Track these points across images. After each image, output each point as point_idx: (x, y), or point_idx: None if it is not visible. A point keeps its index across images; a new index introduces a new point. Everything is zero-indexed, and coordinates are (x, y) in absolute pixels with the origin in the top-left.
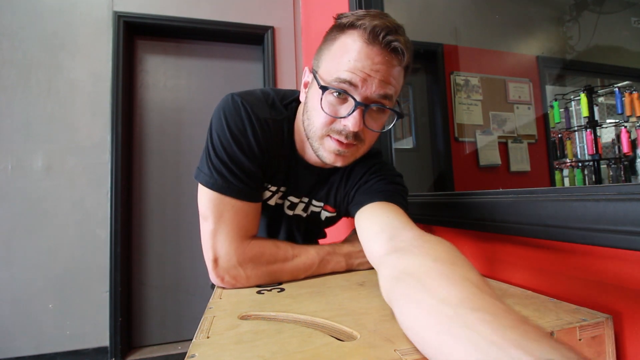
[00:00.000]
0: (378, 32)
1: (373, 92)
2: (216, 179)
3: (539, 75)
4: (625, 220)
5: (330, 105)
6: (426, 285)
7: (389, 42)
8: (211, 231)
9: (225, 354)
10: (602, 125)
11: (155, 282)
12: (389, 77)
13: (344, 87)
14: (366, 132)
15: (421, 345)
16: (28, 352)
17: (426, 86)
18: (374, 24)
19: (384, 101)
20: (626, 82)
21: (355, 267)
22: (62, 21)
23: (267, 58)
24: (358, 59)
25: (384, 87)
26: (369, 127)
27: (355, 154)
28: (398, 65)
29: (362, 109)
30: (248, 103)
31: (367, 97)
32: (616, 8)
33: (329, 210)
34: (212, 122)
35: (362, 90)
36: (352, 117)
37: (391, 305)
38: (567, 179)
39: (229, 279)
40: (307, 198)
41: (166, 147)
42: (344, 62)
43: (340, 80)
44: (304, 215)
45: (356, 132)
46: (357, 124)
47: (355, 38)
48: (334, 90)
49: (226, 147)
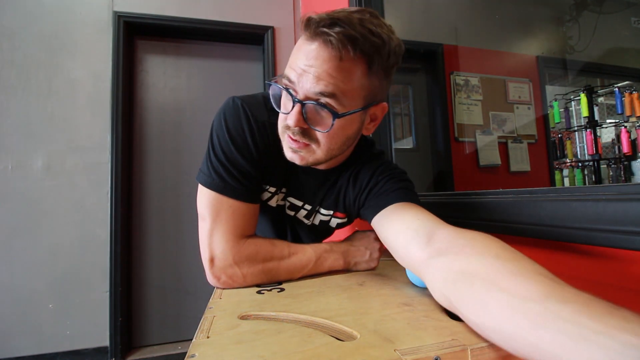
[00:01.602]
0: (312, 25)
1: (309, 88)
2: (214, 179)
3: (539, 75)
4: (625, 220)
5: (283, 103)
6: (499, 284)
7: (321, 33)
8: (208, 230)
9: (225, 354)
10: (602, 125)
11: (155, 282)
12: (324, 72)
13: (285, 84)
14: (314, 132)
15: (512, 345)
16: (28, 352)
17: (426, 86)
18: (310, 17)
19: (323, 99)
20: (626, 82)
21: (352, 266)
22: (62, 21)
23: (267, 58)
24: (297, 56)
25: (317, 84)
26: (312, 126)
27: (313, 154)
28: (336, 60)
29: (300, 105)
30: (247, 105)
31: (306, 95)
32: (616, 8)
33: (340, 216)
34: (213, 124)
35: (299, 86)
36: (291, 114)
37: (456, 309)
38: (567, 179)
39: (225, 279)
40: (310, 205)
41: (166, 147)
42: (290, 60)
43: (284, 77)
44: (306, 222)
45: (303, 130)
46: (295, 120)
47: (303, 36)
48: (277, 86)
49: (224, 148)
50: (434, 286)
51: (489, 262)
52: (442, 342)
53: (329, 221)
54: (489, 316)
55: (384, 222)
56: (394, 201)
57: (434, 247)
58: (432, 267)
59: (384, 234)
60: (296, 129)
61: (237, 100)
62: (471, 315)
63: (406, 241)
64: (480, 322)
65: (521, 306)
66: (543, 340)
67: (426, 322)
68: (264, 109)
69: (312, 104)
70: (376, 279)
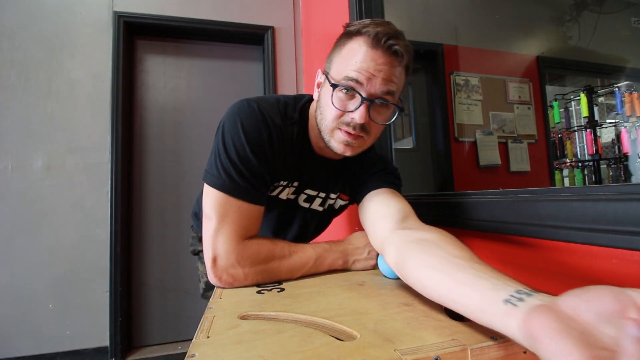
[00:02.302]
0: (380, 37)
1: (377, 89)
2: (224, 180)
3: (539, 75)
4: (625, 220)
5: (340, 101)
6: (443, 247)
7: (390, 45)
8: (213, 231)
9: (225, 354)
10: (602, 125)
11: (155, 282)
12: (391, 75)
13: (351, 85)
14: (372, 125)
15: (433, 278)
16: (28, 352)
17: (426, 86)
18: (377, 30)
19: (386, 97)
20: (626, 82)
21: (351, 265)
22: (62, 21)
23: (267, 58)
24: (364, 61)
25: (386, 85)
26: (374, 120)
27: (363, 145)
28: (399, 66)
29: (368, 103)
30: (264, 109)
31: (372, 94)
32: (616, 8)
33: (344, 198)
34: (224, 125)
35: (367, 87)
36: (358, 111)
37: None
38: (567, 179)
39: (226, 278)
40: (324, 193)
41: (166, 147)
42: (352, 63)
43: (349, 79)
44: (320, 210)
45: (363, 124)
46: (363, 116)
47: (361, 43)
48: (343, 87)
49: (239, 150)
50: (393, 244)
51: (440, 236)
52: (442, 342)
53: (334, 203)
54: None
55: (373, 197)
56: (385, 186)
57: (403, 225)
58: (395, 234)
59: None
60: (360, 124)
61: (253, 103)
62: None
63: (382, 216)
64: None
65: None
66: (456, 278)
67: (426, 322)
68: (277, 111)
69: (379, 101)
70: (376, 279)
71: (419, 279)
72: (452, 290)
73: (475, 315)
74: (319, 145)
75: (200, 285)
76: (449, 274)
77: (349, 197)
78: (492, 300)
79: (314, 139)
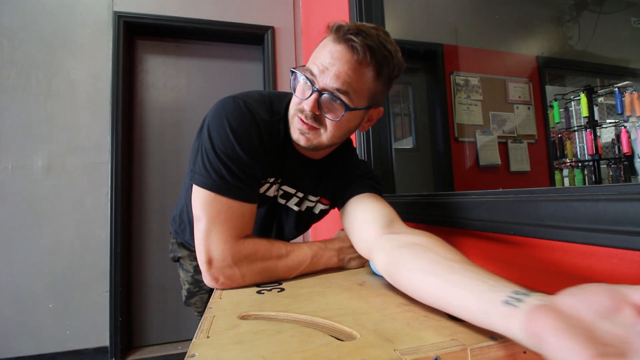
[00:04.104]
0: (343, 32)
1: (327, 83)
2: (214, 180)
3: (539, 75)
4: (625, 220)
5: (299, 89)
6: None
7: (347, 39)
8: (205, 231)
9: (225, 354)
10: (602, 125)
11: (155, 282)
12: (344, 72)
13: (306, 74)
14: (324, 119)
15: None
16: (28, 352)
17: (426, 86)
18: (340, 25)
19: (337, 93)
20: (626, 82)
21: (346, 263)
22: (62, 21)
23: (267, 58)
24: (322, 54)
25: (336, 81)
26: (323, 113)
27: (318, 138)
28: (356, 64)
29: (317, 94)
30: (250, 105)
31: (323, 87)
32: (616, 8)
33: (324, 202)
34: (208, 124)
35: (320, 79)
36: (309, 99)
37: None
38: (567, 179)
39: (223, 280)
40: (302, 193)
41: (166, 147)
42: (314, 56)
43: (305, 69)
44: (295, 209)
45: (314, 115)
46: (310, 105)
47: (328, 39)
48: (299, 74)
49: (227, 148)
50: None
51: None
52: (442, 342)
53: (314, 207)
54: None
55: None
56: (368, 191)
57: (390, 230)
58: (383, 239)
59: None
60: (310, 113)
61: (239, 100)
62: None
63: (367, 221)
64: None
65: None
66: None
67: (426, 322)
68: (263, 107)
69: (328, 95)
70: (376, 278)
71: (411, 283)
72: (448, 293)
73: (474, 318)
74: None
75: (183, 293)
76: (443, 277)
77: (329, 202)
78: (490, 302)
79: None
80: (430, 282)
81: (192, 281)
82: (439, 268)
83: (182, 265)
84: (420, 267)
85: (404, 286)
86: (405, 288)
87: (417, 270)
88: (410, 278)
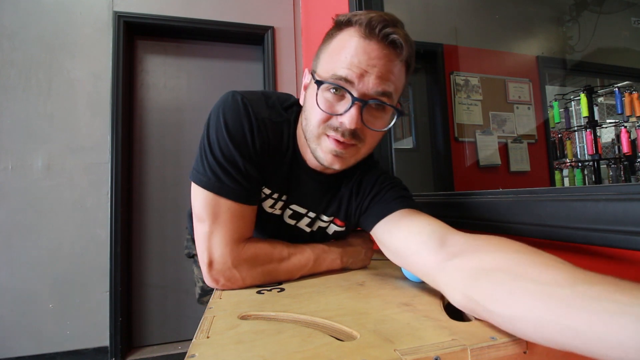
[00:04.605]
0: (374, 25)
1: (370, 88)
2: (210, 179)
3: (539, 75)
4: (625, 220)
5: (327, 102)
6: (524, 274)
7: (386, 34)
8: (206, 233)
9: (225, 354)
10: (602, 125)
11: (155, 282)
12: (388, 72)
13: (340, 83)
14: (366, 132)
15: (544, 333)
16: (28, 352)
17: (426, 86)
18: (370, 17)
19: (382, 98)
20: (626, 82)
21: (349, 265)
22: (62, 21)
23: (267, 58)
24: (354, 54)
25: (382, 84)
26: (368, 126)
27: (356, 155)
28: (397, 60)
29: (360, 105)
30: (248, 101)
31: (365, 94)
32: (616, 8)
33: (338, 224)
34: (209, 119)
35: (359, 86)
36: (348, 114)
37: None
38: (567, 179)
39: (224, 282)
40: (314, 213)
41: (166, 147)
42: (341, 58)
43: (337, 77)
44: (307, 231)
45: (354, 131)
46: (354, 120)
47: (352, 33)
48: (330, 85)
49: (222, 146)
50: (453, 287)
51: (509, 256)
52: (442, 342)
53: (327, 227)
54: (518, 305)
55: (390, 227)
56: (399, 208)
57: (448, 250)
58: (448, 269)
59: (390, 240)
60: (351, 129)
61: (237, 95)
62: (499, 308)
63: (417, 246)
64: (510, 314)
65: (551, 292)
66: (577, 321)
67: (426, 322)
68: (264, 105)
69: (374, 102)
70: (376, 279)
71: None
72: (572, 337)
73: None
74: (305, 156)
75: (196, 290)
76: (557, 319)
77: (344, 223)
78: None
79: (301, 148)
80: (542, 325)
81: None
82: (553, 303)
83: (196, 262)
84: (517, 309)
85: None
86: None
87: (518, 310)
88: (516, 318)
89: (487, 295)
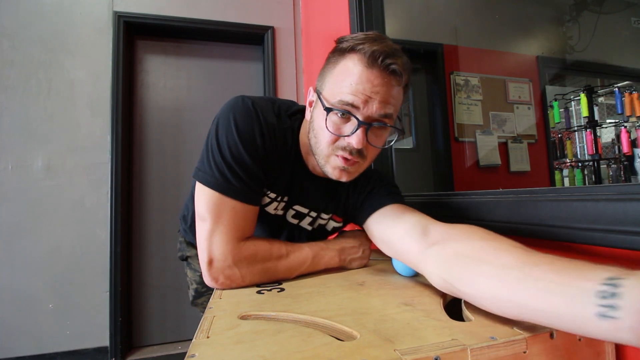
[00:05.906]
0: (377, 56)
1: (374, 112)
2: (217, 179)
3: (539, 75)
4: (625, 220)
5: (335, 125)
6: (484, 259)
7: (387, 65)
8: (208, 232)
9: (225, 354)
10: (602, 125)
11: (155, 282)
12: (389, 97)
13: (346, 109)
14: (369, 149)
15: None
16: (28, 352)
17: (426, 86)
18: (373, 49)
19: (384, 119)
20: (626, 82)
21: (347, 263)
22: (62, 21)
23: (267, 58)
24: (359, 82)
25: (384, 107)
26: (372, 144)
27: (359, 169)
28: (397, 86)
29: (365, 127)
30: (259, 107)
31: (369, 117)
32: (616, 8)
33: (337, 220)
34: (218, 121)
35: (364, 110)
36: (355, 135)
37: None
38: (567, 179)
39: (223, 280)
40: (315, 212)
41: (166, 147)
42: (346, 85)
43: (343, 103)
44: (309, 229)
45: (360, 149)
46: (361, 141)
47: (356, 62)
48: (337, 111)
49: (232, 148)
50: (432, 272)
51: (476, 243)
52: (442, 342)
53: (326, 224)
54: (479, 286)
55: (379, 219)
56: (389, 203)
57: (428, 239)
58: (428, 257)
59: (379, 230)
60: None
61: (248, 100)
62: (465, 288)
63: (402, 236)
64: (473, 293)
65: (503, 273)
66: (524, 298)
67: (426, 322)
68: (272, 111)
69: (377, 124)
70: (376, 278)
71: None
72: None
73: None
74: (308, 161)
75: (190, 292)
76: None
77: (342, 219)
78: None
79: (304, 154)
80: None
81: (200, 281)
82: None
83: (190, 265)
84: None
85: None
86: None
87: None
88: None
89: (457, 277)
